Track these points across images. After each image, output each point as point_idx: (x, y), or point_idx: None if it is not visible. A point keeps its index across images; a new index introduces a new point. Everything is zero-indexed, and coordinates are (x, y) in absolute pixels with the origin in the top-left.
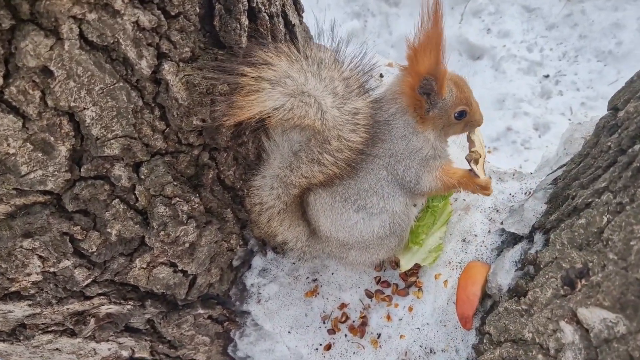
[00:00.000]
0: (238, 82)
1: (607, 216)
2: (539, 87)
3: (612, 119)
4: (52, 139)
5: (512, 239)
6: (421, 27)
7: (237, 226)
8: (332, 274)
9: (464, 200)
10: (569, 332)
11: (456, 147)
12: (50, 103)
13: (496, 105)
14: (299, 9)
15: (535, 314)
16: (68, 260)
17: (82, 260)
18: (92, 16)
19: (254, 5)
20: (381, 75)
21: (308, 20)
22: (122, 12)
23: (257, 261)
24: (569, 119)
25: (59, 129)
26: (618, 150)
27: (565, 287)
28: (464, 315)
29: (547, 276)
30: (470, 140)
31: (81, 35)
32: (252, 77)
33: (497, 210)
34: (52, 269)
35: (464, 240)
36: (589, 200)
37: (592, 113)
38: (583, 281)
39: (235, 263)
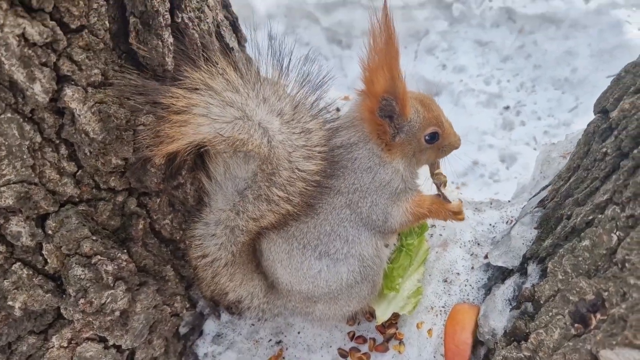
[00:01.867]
0: (165, 107)
1: (617, 233)
2: (500, 119)
3: (603, 122)
4: None
5: (501, 274)
6: (373, 46)
7: (181, 286)
8: (299, 333)
9: (441, 235)
10: None
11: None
12: None
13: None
14: (239, 37)
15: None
16: None
17: None
18: None
19: (179, 20)
20: (338, 109)
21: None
22: (1, 21)
23: (210, 326)
24: (534, 148)
25: None
26: (618, 154)
27: (576, 325)
28: None
29: (550, 313)
30: (432, 165)
31: None
32: (182, 101)
33: (479, 244)
34: None
35: (446, 281)
36: (590, 217)
37: (556, 140)
38: (598, 315)
39: (183, 330)
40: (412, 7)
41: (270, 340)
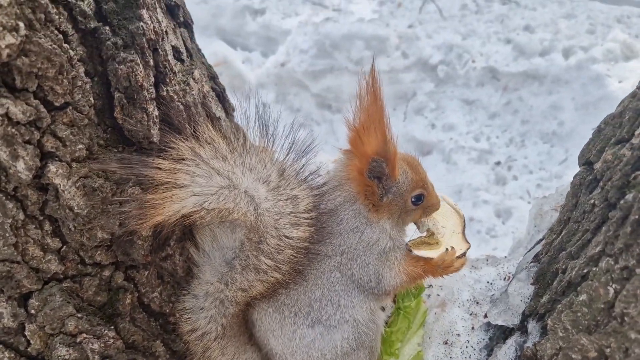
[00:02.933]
0: (150, 178)
1: (614, 286)
2: (492, 174)
3: (588, 174)
4: None
5: (501, 333)
6: (360, 106)
7: None
8: None
9: (438, 295)
10: None
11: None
12: None
13: (454, 197)
14: (226, 107)
15: None
16: None
17: None
18: None
19: (164, 93)
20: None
21: None
22: None
23: None
24: (528, 202)
25: None
26: (605, 205)
27: None
28: None
29: None
30: (417, 223)
31: None
32: (167, 171)
33: (477, 302)
34: None
35: (446, 343)
36: (585, 271)
37: (549, 193)
38: None
39: None
40: (399, 71)
41: None
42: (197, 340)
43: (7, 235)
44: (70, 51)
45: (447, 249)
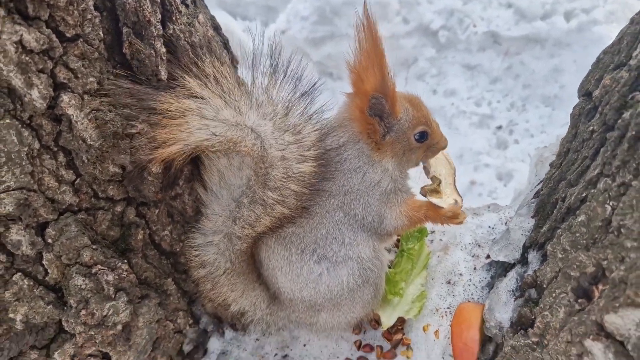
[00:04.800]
0: (158, 112)
1: (611, 203)
2: (494, 138)
3: (587, 104)
4: None
5: (503, 270)
6: (359, 48)
7: (183, 301)
8: (305, 345)
9: (441, 240)
10: (598, 351)
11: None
12: None
13: (456, 161)
14: (231, 57)
15: (550, 342)
16: None
17: None
18: None
19: (170, 31)
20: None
21: None
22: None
23: (214, 343)
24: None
25: None
26: (604, 129)
27: (580, 300)
28: None
29: (554, 294)
30: (425, 168)
31: None
32: (175, 105)
33: (479, 245)
34: None
35: (449, 282)
36: (584, 194)
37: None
38: (600, 286)
39: (187, 348)
40: (400, 36)
41: (276, 354)
42: (207, 275)
43: (23, 163)
44: None
45: (455, 201)
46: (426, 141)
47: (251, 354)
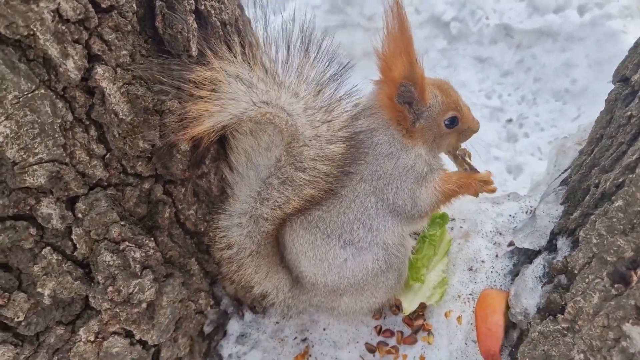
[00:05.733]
0: (189, 86)
1: None
2: (504, 131)
3: (624, 89)
4: None
5: (527, 258)
6: (387, 35)
7: (206, 281)
8: (324, 329)
9: (461, 227)
10: (638, 334)
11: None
12: None
13: None
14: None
15: (583, 327)
16: None
17: (5, 334)
18: None
19: (202, 8)
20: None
21: None
22: None
23: (234, 326)
24: (540, 159)
25: None
26: None
27: (616, 285)
28: (489, 352)
29: (587, 280)
30: (455, 161)
31: None
32: (209, 74)
33: (500, 233)
34: None
35: (471, 269)
36: (620, 179)
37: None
38: (639, 271)
39: (207, 329)
40: (412, 27)
41: (296, 338)
42: (232, 258)
43: (56, 135)
44: None
45: (488, 171)
46: (457, 126)
47: (270, 337)
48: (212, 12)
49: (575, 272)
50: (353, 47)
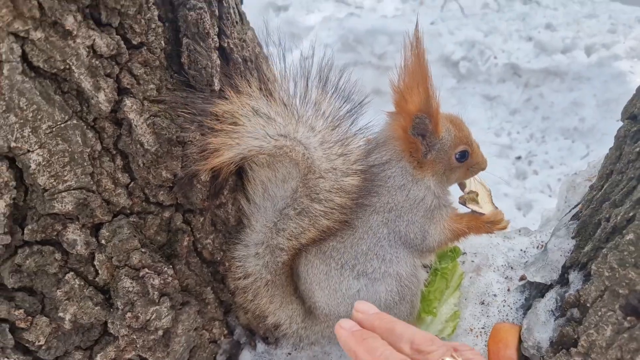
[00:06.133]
0: (212, 117)
1: None
2: (513, 168)
3: (633, 126)
4: None
5: (539, 292)
6: (405, 68)
7: (220, 310)
8: None
9: (473, 261)
10: None
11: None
12: None
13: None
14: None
15: None
16: (8, 359)
17: (26, 358)
18: (37, 35)
19: (225, 45)
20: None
21: None
22: (75, 33)
23: (246, 356)
24: (549, 196)
25: None
26: None
27: (629, 318)
28: None
29: (599, 313)
30: (461, 184)
31: (24, 59)
32: (229, 107)
33: (512, 268)
34: None
35: (483, 303)
36: (631, 214)
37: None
38: None
39: (220, 359)
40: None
41: None
42: (248, 287)
43: (85, 164)
44: None
45: (496, 207)
46: (467, 161)
47: None
48: (235, 49)
49: (588, 305)
50: (364, 84)
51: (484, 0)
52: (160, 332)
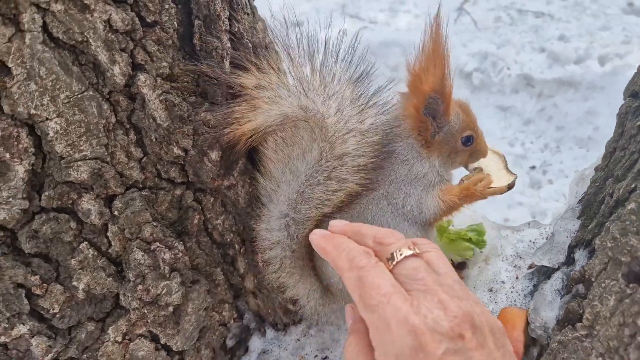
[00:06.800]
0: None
1: None
2: (527, 178)
3: (634, 102)
4: (7, 155)
5: (546, 278)
6: (422, 51)
7: (230, 293)
8: None
9: (481, 252)
10: None
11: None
12: (6, 109)
13: (489, 199)
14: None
15: (600, 331)
16: (24, 325)
17: (41, 325)
18: (57, 7)
19: (235, 30)
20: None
21: None
22: (92, 7)
23: (255, 342)
24: (565, 204)
25: (15, 143)
26: None
27: (632, 285)
28: None
29: (603, 285)
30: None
31: (45, 29)
32: (253, 79)
33: (520, 257)
34: (2, 339)
35: (491, 290)
36: (632, 185)
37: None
38: None
39: (230, 343)
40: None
41: (317, 355)
42: (274, 257)
43: (100, 135)
44: None
45: (513, 174)
46: (471, 146)
47: (291, 354)
48: (245, 34)
49: (592, 279)
50: None
51: (497, 13)
52: (170, 308)
